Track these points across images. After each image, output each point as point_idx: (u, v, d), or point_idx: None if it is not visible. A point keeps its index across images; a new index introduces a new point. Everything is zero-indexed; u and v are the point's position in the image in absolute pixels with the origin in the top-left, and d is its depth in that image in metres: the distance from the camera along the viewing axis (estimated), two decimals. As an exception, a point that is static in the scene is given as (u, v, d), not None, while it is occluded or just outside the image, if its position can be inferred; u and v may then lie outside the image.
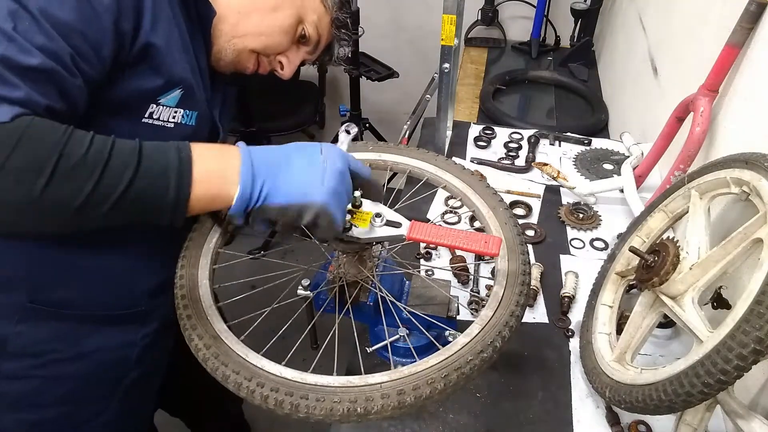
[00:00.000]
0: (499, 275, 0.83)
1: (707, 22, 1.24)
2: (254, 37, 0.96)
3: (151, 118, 0.85)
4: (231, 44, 0.95)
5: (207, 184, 0.72)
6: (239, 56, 0.97)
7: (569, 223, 1.35)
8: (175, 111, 0.88)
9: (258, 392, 0.68)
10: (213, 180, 0.73)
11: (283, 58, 1.01)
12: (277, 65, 1.02)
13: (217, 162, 0.74)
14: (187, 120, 0.90)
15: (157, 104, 0.85)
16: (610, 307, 1.01)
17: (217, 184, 0.73)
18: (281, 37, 0.98)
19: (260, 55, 0.99)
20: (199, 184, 0.72)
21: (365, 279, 0.91)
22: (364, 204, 0.84)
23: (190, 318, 0.78)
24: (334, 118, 2.93)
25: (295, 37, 0.99)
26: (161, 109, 0.86)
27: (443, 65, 1.37)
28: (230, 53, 0.96)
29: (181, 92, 0.87)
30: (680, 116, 1.21)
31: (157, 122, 0.86)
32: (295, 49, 1.02)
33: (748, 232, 0.77)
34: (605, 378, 0.87)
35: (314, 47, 1.04)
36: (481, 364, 0.71)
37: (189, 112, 0.90)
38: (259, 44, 0.97)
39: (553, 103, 2.00)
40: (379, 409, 0.67)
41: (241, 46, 0.96)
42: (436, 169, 1.02)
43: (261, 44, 0.97)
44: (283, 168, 0.75)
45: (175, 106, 0.87)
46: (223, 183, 0.73)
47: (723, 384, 0.66)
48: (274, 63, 1.02)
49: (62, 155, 0.64)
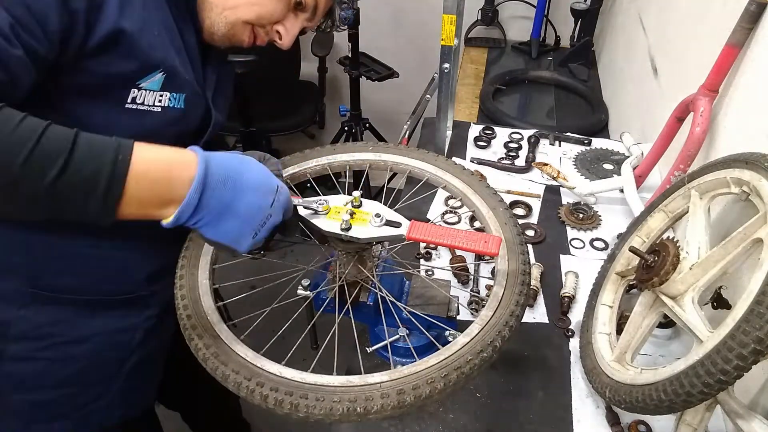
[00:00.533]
0: (499, 275, 0.83)
1: (707, 22, 1.24)
2: (246, 7, 0.92)
3: (134, 104, 0.83)
4: (222, 17, 0.92)
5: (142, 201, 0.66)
6: (233, 29, 0.94)
7: (569, 223, 1.35)
8: (160, 95, 0.85)
9: (258, 392, 0.68)
10: (152, 202, 0.67)
11: (280, 27, 0.97)
12: (275, 35, 0.98)
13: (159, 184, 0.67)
14: (174, 103, 0.88)
15: (139, 89, 0.83)
16: (610, 307, 1.01)
17: (154, 205, 0.67)
18: (275, 5, 0.94)
19: (255, 26, 0.95)
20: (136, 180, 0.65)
21: (365, 279, 0.91)
22: (364, 204, 0.84)
23: (190, 318, 0.78)
24: (334, 118, 2.93)
25: (290, 3, 0.95)
26: (144, 94, 0.83)
27: (443, 65, 1.37)
28: (222, 26, 0.93)
29: (164, 75, 0.84)
30: (680, 116, 1.21)
31: (142, 107, 0.84)
32: (293, 16, 0.97)
33: (748, 232, 0.77)
34: (605, 378, 0.87)
35: (312, 13, 0.99)
36: (481, 363, 0.71)
37: (176, 94, 0.88)
38: (252, 14, 0.93)
39: (553, 103, 2.00)
40: (379, 408, 0.67)
41: (234, 18, 0.92)
42: (436, 169, 1.02)
43: (254, 14, 0.93)
44: (228, 210, 0.70)
45: (160, 89, 0.85)
46: (161, 206, 0.68)
47: (723, 384, 0.66)
48: (271, 33, 0.98)
49: None
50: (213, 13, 0.92)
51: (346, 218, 0.81)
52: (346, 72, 2.59)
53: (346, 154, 1.07)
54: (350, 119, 2.71)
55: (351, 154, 1.07)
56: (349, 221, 0.81)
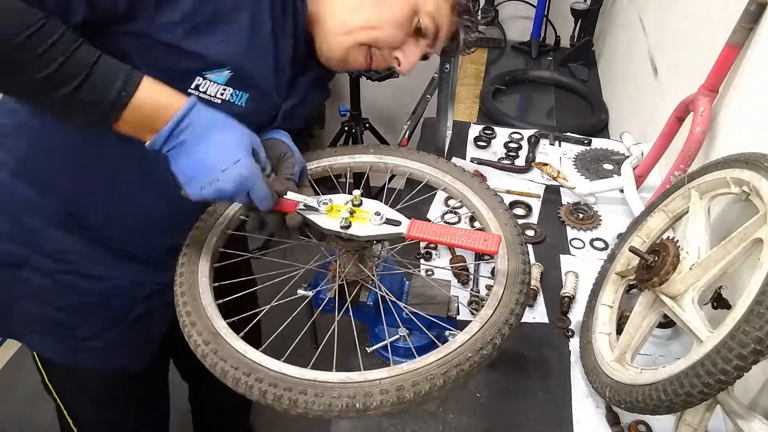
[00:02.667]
0: (499, 275, 0.83)
1: (707, 22, 1.24)
2: (363, 31, 0.92)
3: (197, 90, 0.85)
4: (338, 42, 0.93)
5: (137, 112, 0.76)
6: (348, 53, 0.94)
7: (569, 223, 1.35)
8: (223, 88, 0.87)
9: (256, 387, 0.68)
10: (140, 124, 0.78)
11: (399, 53, 0.96)
12: (393, 61, 0.97)
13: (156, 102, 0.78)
14: (236, 100, 0.89)
15: (204, 78, 0.85)
16: (610, 307, 1.01)
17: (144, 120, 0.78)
18: (394, 31, 0.93)
19: (372, 47, 0.95)
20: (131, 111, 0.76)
21: (365, 278, 0.91)
22: (364, 202, 0.84)
23: (189, 315, 0.78)
24: (334, 118, 2.92)
25: (410, 29, 0.94)
26: (208, 84, 0.86)
27: (443, 65, 1.37)
28: (339, 51, 0.94)
29: (231, 73, 0.86)
30: (680, 116, 1.21)
31: (204, 96, 0.86)
32: (413, 42, 0.96)
33: (748, 232, 0.77)
34: (605, 378, 0.87)
35: (433, 39, 0.97)
36: (480, 361, 0.71)
37: (239, 92, 0.89)
38: (369, 38, 0.92)
39: (553, 103, 2.00)
40: (378, 404, 0.67)
41: (351, 42, 0.93)
42: (437, 171, 1.02)
43: (371, 38, 0.92)
44: (186, 153, 0.79)
45: (224, 84, 0.87)
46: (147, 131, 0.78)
47: (723, 384, 0.66)
48: (389, 58, 0.96)
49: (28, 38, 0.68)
50: (330, 38, 0.93)
51: (345, 216, 0.81)
52: (346, 72, 2.59)
53: (347, 156, 1.07)
54: (350, 119, 2.71)
55: (351, 156, 1.07)
56: (349, 219, 0.81)
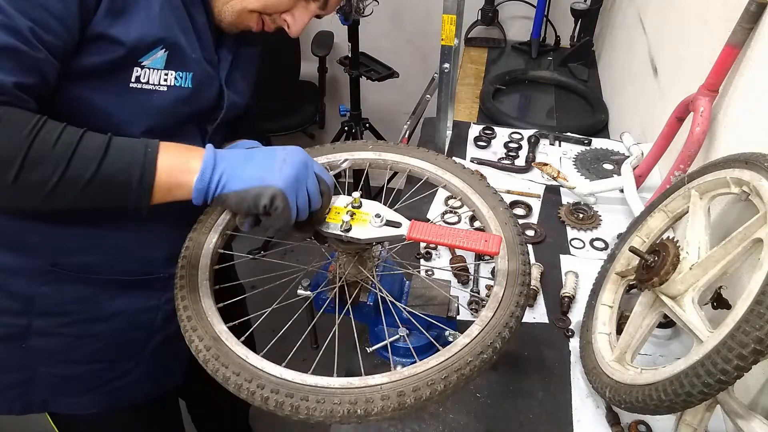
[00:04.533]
0: (499, 275, 0.83)
1: (707, 22, 1.24)
2: None
3: (138, 83, 0.83)
4: (229, 6, 0.92)
5: (169, 172, 0.76)
6: (239, 17, 0.93)
7: (569, 223, 1.35)
8: (165, 73, 0.85)
9: (258, 394, 0.68)
10: (176, 169, 0.77)
11: (288, 16, 0.96)
12: (283, 23, 0.97)
13: (181, 155, 0.78)
14: (181, 82, 0.88)
15: (142, 67, 0.82)
16: (610, 307, 1.01)
17: (178, 173, 0.77)
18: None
19: (262, 14, 0.95)
20: (163, 173, 0.75)
21: (365, 279, 0.91)
22: (364, 204, 0.84)
23: (191, 319, 0.78)
24: (334, 118, 2.93)
25: None
26: (148, 72, 0.83)
27: (443, 65, 1.37)
28: (229, 15, 0.93)
29: (166, 52, 0.84)
30: (680, 116, 1.21)
31: (147, 86, 0.84)
32: (303, 5, 0.96)
33: (748, 232, 0.77)
34: (605, 378, 0.87)
35: (324, 2, 0.97)
36: (481, 365, 0.71)
37: (182, 73, 0.87)
38: (258, 4, 0.92)
39: (553, 103, 2.00)
40: (380, 410, 0.67)
41: (239, 6, 0.92)
42: (437, 168, 1.02)
43: (259, 4, 0.92)
44: (242, 160, 0.78)
45: (164, 68, 0.85)
46: (184, 172, 0.77)
47: (723, 384, 0.66)
48: (279, 21, 0.97)
49: (30, 148, 0.68)
50: (220, 2, 0.92)
51: (346, 219, 0.81)
52: (346, 72, 2.59)
53: (346, 153, 1.07)
54: (350, 119, 2.71)
55: (351, 153, 1.07)
56: (349, 222, 0.81)
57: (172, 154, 0.77)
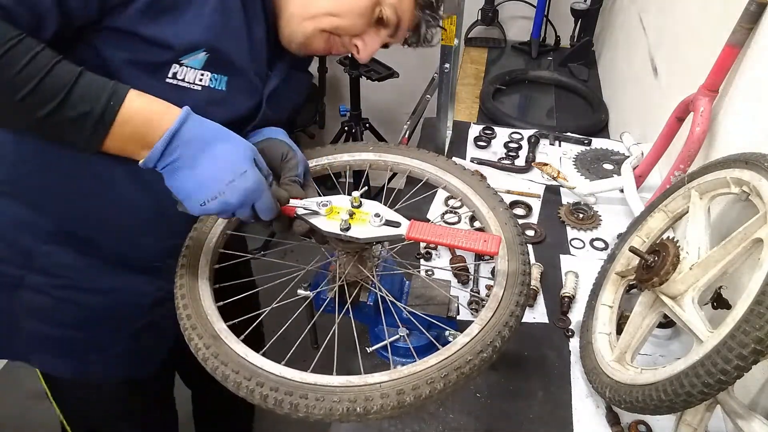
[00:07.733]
0: (499, 275, 0.83)
1: (707, 22, 1.24)
2: (326, 18, 0.93)
3: (175, 79, 0.84)
4: (301, 27, 0.93)
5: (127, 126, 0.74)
6: (310, 38, 0.94)
7: (569, 223, 1.35)
8: (201, 73, 0.86)
9: (257, 391, 0.68)
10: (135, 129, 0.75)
11: (359, 41, 0.97)
12: (353, 48, 0.98)
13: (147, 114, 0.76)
14: (215, 84, 0.88)
15: (180, 65, 0.83)
16: (610, 307, 1.01)
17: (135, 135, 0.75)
18: (355, 19, 0.93)
19: (332, 35, 0.95)
20: (121, 125, 0.74)
21: (365, 279, 0.91)
22: (364, 204, 0.84)
23: (190, 318, 0.78)
24: (334, 118, 2.93)
25: (372, 19, 0.95)
26: (185, 71, 0.84)
27: (443, 65, 1.37)
28: (301, 36, 0.94)
29: (206, 55, 0.84)
30: (680, 116, 1.21)
31: (182, 83, 0.85)
32: (374, 31, 0.97)
33: (748, 232, 0.77)
34: (605, 378, 0.87)
35: (395, 29, 0.98)
36: (480, 364, 0.71)
37: (217, 76, 0.88)
38: (331, 25, 0.93)
39: (553, 103, 2.00)
40: (379, 408, 0.67)
41: (311, 28, 0.93)
42: (437, 169, 1.02)
43: (333, 25, 0.93)
44: (186, 167, 0.77)
45: (201, 68, 0.85)
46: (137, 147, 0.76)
47: (723, 384, 0.66)
48: (348, 45, 0.97)
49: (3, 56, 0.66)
50: (292, 21, 0.93)
51: (345, 218, 0.81)
52: (346, 72, 2.59)
53: (347, 154, 1.07)
54: (350, 119, 2.71)
55: (351, 154, 1.07)
56: (349, 221, 0.81)
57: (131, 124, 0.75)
